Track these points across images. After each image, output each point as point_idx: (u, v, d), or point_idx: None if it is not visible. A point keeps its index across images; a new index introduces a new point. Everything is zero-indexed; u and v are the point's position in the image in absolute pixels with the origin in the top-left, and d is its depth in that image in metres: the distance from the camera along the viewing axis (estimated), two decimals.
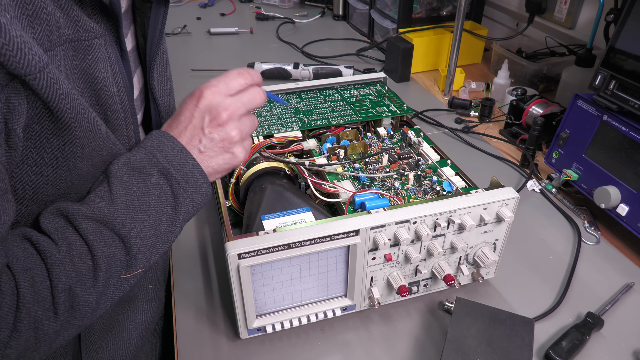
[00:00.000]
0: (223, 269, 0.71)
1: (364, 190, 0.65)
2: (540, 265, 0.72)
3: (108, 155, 0.48)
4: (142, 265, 0.48)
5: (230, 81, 0.53)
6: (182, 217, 0.50)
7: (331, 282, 0.60)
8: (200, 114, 0.51)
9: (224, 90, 0.52)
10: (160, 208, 0.48)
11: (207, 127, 0.51)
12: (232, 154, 0.53)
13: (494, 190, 0.60)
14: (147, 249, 0.48)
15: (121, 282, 0.47)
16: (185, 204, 0.49)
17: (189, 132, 0.51)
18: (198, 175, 0.50)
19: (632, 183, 0.71)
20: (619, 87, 0.72)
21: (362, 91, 0.92)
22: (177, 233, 0.51)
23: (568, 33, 1.20)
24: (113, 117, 0.50)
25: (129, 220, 0.46)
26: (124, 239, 0.46)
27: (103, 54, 0.48)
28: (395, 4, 1.38)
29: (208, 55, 1.48)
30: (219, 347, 0.60)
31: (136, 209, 0.47)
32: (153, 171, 0.48)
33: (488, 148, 1.00)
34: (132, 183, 0.47)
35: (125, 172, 0.48)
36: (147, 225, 0.47)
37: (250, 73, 0.55)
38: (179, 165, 0.49)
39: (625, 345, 0.60)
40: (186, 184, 0.49)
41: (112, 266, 0.46)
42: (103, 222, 0.45)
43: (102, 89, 0.48)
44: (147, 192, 0.48)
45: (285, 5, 1.90)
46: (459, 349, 0.54)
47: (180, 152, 0.50)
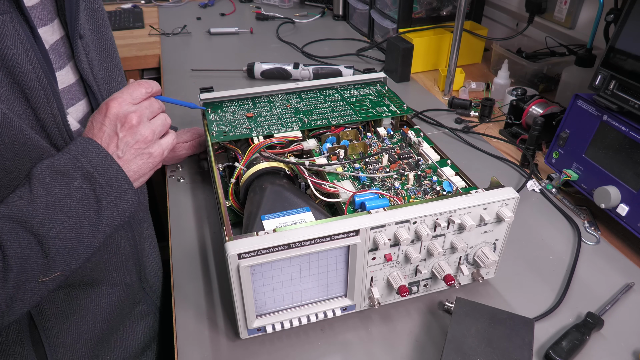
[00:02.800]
0: (223, 269, 0.71)
1: (364, 190, 0.65)
2: (540, 265, 0.72)
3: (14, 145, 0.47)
4: (61, 268, 0.48)
5: (133, 91, 0.56)
6: (106, 221, 0.50)
7: (331, 282, 0.60)
8: (111, 122, 0.53)
9: (129, 99, 0.55)
10: (82, 211, 0.48)
11: (121, 131, 0.53)
12: (149, 154, 0.55)
13: (494, 190, 0.60)
14: (66, 252, 0.48)
15: (39, 286, 0.47)
16: (109, 209, 0.50)
17: (105, 140, 0.52)
18: (122, 180, 0.51)
19: (632, 183, 0.71)
20: (619, 87, 0.72)
21: (362, 91, 0.92)
22: (101, 238, 0.51)
23: (568, 33, 1.20)
24: (32, 95, 0.49)
25: (47, 220, 0.46)
26: (41, 240, 0.46)
27: (10, 30, 0.47)
28: (395, 4, 1.38)
29: (208, 55, 1.48)
30: (219, 347, 0.60)
31: (56, 210, 0.47)
32: (77, 175, 0.49)
33: (488, 148, 1.00)
34: (54, 185, 0.48)
35: (48, 174, 0.48)
36: (67, 227, 0.47)
37: (149, 83, 0.58)
38: (103, 170, 0.50)
39: (625, 345, 0.60)
40: (110, 189, 0.50)
41: (26, 268, 0.45)
42: (19, 222, 0.45)
43: (15, 65, 0.47)
44: (69, 195, 0.48)
45: (285, 5, 1.90)
46: (459, 349, 0.54)
47: (104, 157, 0.51)
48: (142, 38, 1.60)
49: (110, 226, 0.52)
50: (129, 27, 1.66)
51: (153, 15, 1.82)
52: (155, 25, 1.68)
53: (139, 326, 0.73)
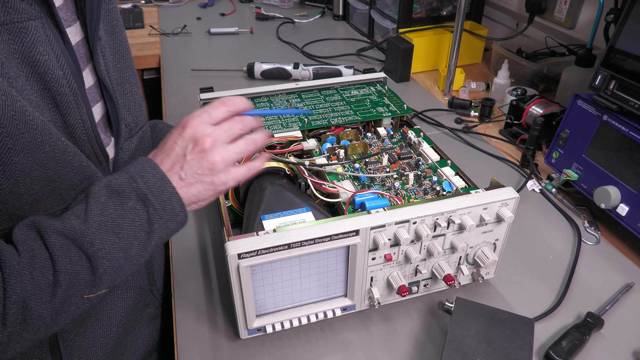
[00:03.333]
0: (223, 269, 0.71)
1: (364, 190, 0.65)
2: (540, 265, 0.72)
3: (55, 153, 0.47)
4: (106, 286, 0.48)
5: (213, 111, 0.54)
6: (155, 242, 0.50)
7: (331, 282, 0.60)
8: (184, 142, 0.52)
9: (207, 119, 0.53)
10: (134, 232, 0.48)
11: (190, 154, 0.51)
12: (212, 181, 0.53)
13: (494, 190, 0.60)
14: (113, 271, 0.48)
15: (83, 301, 0.47)
16: (159, 230, 0.50)
17: (171, 160, 0.51)
18: (176, 203, 0.50)
19: (632, 183, 0.71)
20: (619, 87, 0.72)
21: (362, 91, 0.92)
22: (147, 257, 0.51)
23: (568, 33, 1.20)
24: (62, 100, 0.49)
25: (98, 240, 0.46)
26: (91, 259, 0.46)
27: (42, 36, 0.47)
28: (395, 4, 1.38)
29: (208, 55, 1.48)
30: (219, 347, 0.60)
31: (108, 230, 0.47)
32: (132, 195, 0.48)
33: (488, 148, 1.00)
34: (109, 205, 0.47)
35: (104, 193, 0.48)
36: (116, 248, 0.47)
37: (233, 101, 0.55)
38: (158, 192, 0.49)
39: (625, 345, 0.60)
40: (162, 211, 0.49)
41: (74, 284, 0.45)
42: (72, 239, 0.45)
43: (46, 71, 0.47)
44: (122, 215, 0.47)
45: (285, 5, 1.90)
46: (459, 349, 0.54)
47: (160, 179, 0.50)
48: (142, 38, 1.60)
49: (157, 245, 0.51)
50: (129, 27, 1.66)
51: (153, 15, 1.82)
52: (155, 25, 1.68)
53: (147, 329, 0.73)
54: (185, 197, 0.51)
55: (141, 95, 0.68)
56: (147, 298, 0.72)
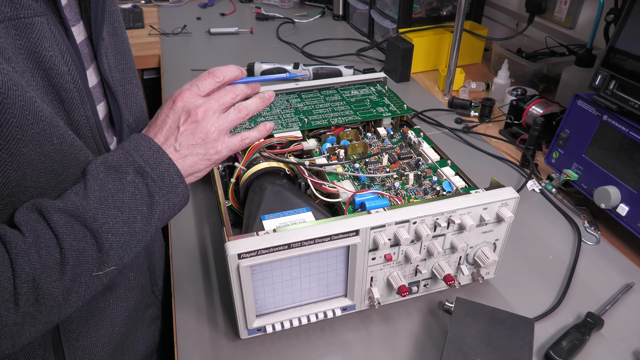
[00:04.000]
0: (223, 269, 0.71)
1: (364, 190, 0.65)
2: (540, 265, 0.72)
3: (61, 145, 0.47)
4: (114, 262, 0.48)
5: (200, 83, 0.55)
6: (158, 216, 0.50)
7: (331, 282, 0.60)
8: (176, 115, 0.52)
9: (196, 91, 0.54)
10: (135, 206, 0.48)
11: (182, 125, 0.52)
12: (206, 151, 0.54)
13: (494, 190, 0.60)
14: (119, 246, 0.48)
15: (93, 280, 0.47)
16: (160, 203, 0.50)
17: (164, 132, 0.52)
18: (174, 174, 0.50)
19: (632, 183, 0.71)
20: (619, 87, 0.72)
21: (362, 91, 0.92)
22: (152, 233, 0.51)
23: (568, 33, 1.20)
24: (67, 96, 0.49)
25: (101, 214, 0.46)
26: (95, 234, 0.46)
27: (47, 32, 0.47)
28: (395, 4, 1.38)
29: (208, 55, 1.48)
30: (219, 347, 0.60)
31: (109, 205, 0.47)
32: (129, 169, 0.49)
33: (488, 148, 1.00)
34: (107, 180, 0.48)
35: (102, 170, 0.48)
36: (119, 222, 0.47)
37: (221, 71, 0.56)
38: (155, 164, 0.50)
39: (625, 345, 0.60)
40: (162, 183, 0.50)
41: (81, 261, 0.45)
42: (74, 216, 0.45)
43: (52, 67, 0.47)
44: (122, 190, 0.48)
45: (285, 5, 1.90)
46: (459, 349, 0.54)
47: (156, 151, 0.50)
48: (142, 38, 1.60)
49: (162, 220, 0.51)
50: (129, 27, 1.66)
51: (153, 15, 1.82)
52: (155, 25, 1.68)
53: (149, 330, 0.73)
54: (182, 168, 0.52)
55: (142, 96, 0.69)
56: (148, 298, 0.72)
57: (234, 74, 0.57)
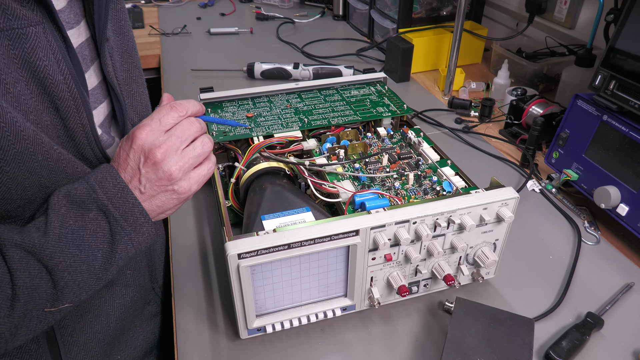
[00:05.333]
0: (223, 269, 0.71)
1: (364, 190, 0.65)
2: (540, 265, 0.72)
3: (47, 162, 0.47)
4: (69, 300, 0.47)
5: (162, 117, 0.52)
6: (119, 255, 0.49)
7: (331, 282, 0.60)
8: (136, 155, 0.50)
9: (157, 127, 0.51)
10: (96, 244, 0.47)
11: (143, 167, 0.50)
12: (173, 191, 0.52)
13: (494, 190, 0.60)
14: (76, 284, 0.47)
15: (45, 315, 0.46)
16: (123, 242, 0.49)
17: (128, 173, 0.50)
18: (138, 214, 0.49)
19: (632, 183, 0.71)
20: (619, 87, 0.72)
21: (362, 91, 0.92)
22: (114, 271, 0.50)
23: (568, 33, 1.20)
24: (62, 105, 0.49)
25: (58, 252, 0.45)
26: (50, 272, 0.45)
27: (43, 42, 0.47)
28: (395, 4, 1.38)
29: (208, 55, 1.48)
30: (219, 347, 0.60)
31: (69, 243, 0.46)
32: (92, 206, 0.47)
33: (488, 148, 1.00)
34: (69, 216, 0.47)
35: (64, 204, 0.47)
36: (77, 260, 0.46)
37: (183, 105, 0.53)
38: (119, 203, 0.48)
39: (625, 345, 0.60)
40: (125, 222, 0.48)
41: (34, 298, 0.44)
42: (31, 252, 0.44)
43: (46, 77, 0.47)
44: (83, 227, 0.47)
45: (285, 5, 1.90)
46: (459, 349, 0.54)
47: (121, 190, 0.49)
48: (142, 38, 1.60)
49: (123, 259, 0.50)
50: None
51: (153, 15, 1.82)
52: (155, 25, 1.68)
53: (148, 326, 0.73)
54: (149, 209, 0.51)
55: (147, 95, 0.68)
56: (148, 295, 0.72)
57: (195, 108, 0.55)
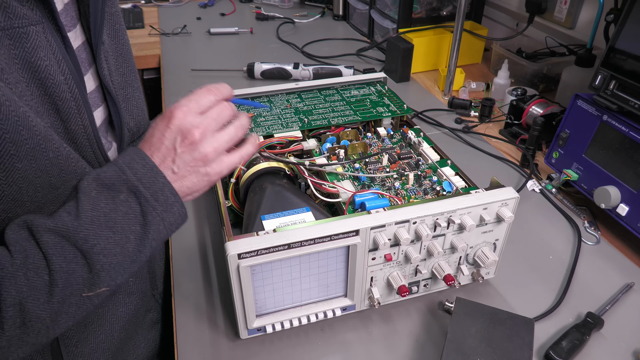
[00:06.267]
0: (223, 269, 0.71)
1: (364, 190, 0.65)
2: (540, 265, 0.72)
3: (58, 159, 0.47)
4: (106, 283, 0.47)
5: (200, 99, 0.52)
6: (152, 236, 0.49)
7: (331, 282, 0.60)
8: (172, 135, 0.50)
9: (195, 108, 0.51)
10: (128, 226, 0.47)
11: (180, 146, 0.50)
12: (206, 173, 0.52)
13: (494, 190, 0.60)
14: (111, 267, 0.47)
15: (83, 301, 0.46)
16: (155, 223, 0.48)
17: (161, 153, 0.50)
18: (169, 193, 0.49)
19: (632, 183, 0.71)
20: (619, 87, 0.72)
21: (362, 91, 0.92)
22: (148, 253, 0.50)
23: (568, 33, 1.20)
24: (64, 106, 0.48)
25: (92, 235, 0.45)
26: (86, 255, 0.45)
27: (43, 42, 0.46)
28: (395, 4, 1.38)
29: (208, 55, 1.48)
30: (219, 347, 0.60)
31: (101, 225, 0.46)
32: (122, 188, 0.47)
33: (488, 148, 1.00)
34: (100, 199, 0.46)
35: (94, 187, 0.47)
36: (112, 242, 0.46)
37: (219, 89, 0.54)
38: (149, 183, 0.48)
39: (625, 345, 0.60)
40: (155, 202, 0.48)
41: (71, 283, 0.44)
42: (65, 237, 0.44)
43: (47, 77, 0.46)
44: (114, 209, 0.47)
45: (285, 5, 1.90)
46: (459, 349, 0.54)
47: (150, 169, 0.49)
48: (142, 38, 1.60)
49: (157, 240, 0.50)
50: (129, 27, 1.66)
51: (153, 15, 1.82)
52: (155, 25, 1.68)
53: (150, 334, 0.73)
54: (180, 190, 0.50)
55: (143, 99, 0.68)
56: (149, 303, 0.72)
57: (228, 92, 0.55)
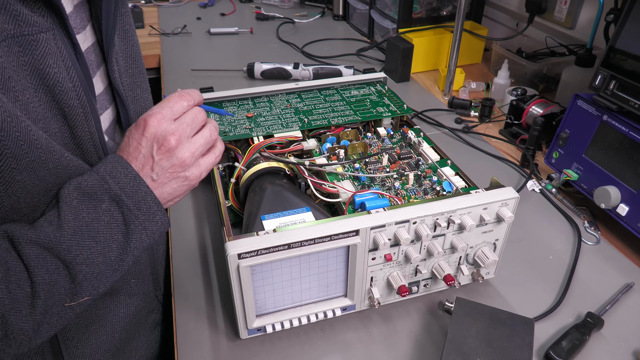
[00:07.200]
0: (223, 269, 0.71)
1: (364, 190, 0.65)
2: (540, 265, 0.72)
3: (57, 169, 0.47)
4: (88, 293, 0.47)
5: (173, 105, 0.52)
6: (134, 244, 0.49)
7: (331, 282, 0.60)
8: (148, 143, 0.50)
9: (168, 115, 0.51)
10: (110, 235, 0.47)
11: (157, 154, 0.50)
12: (184, 177, 0.52)
13: (494, 190, 0.60)
14: (94, 277, 0.47)
15: (65, 311, 0.46)
16: (137, 232, 0.49)
17: (139, 162, 0.50)
18: (151, 202, 0.49)
19: (632, 183, 0.71)
20: (619, 87, 0.72)
21: (362, 91, 0.92)
22: (130, 261, 0.50)
23: (568, 33, 1.20)
24: (71, 112, 0.48)
25: (75, 246, 0.45)
26: (68, 266, 0.45)
27: (53, 49, 0.46)
28: (395, 4, 1.38)
29: (208, 55, 1.48)
30: (219, 347, 0.60)
31: (84, 235, 0.46)
32: (104, 197, 0.47)
33: (488, 148, 1.00)
34: (81, 208, 0.46)
35: (75, 197, 0.47)
36: (94, 252, 0.46)
37: (190, 94, 0.54)
38: (131, 192, 0.48)
39: (625, 345, 0.60)
40: (138, 212, 0.48)
41: (53, 294, 0.44)
42: (47, 248, 0.44)
43: (56, 84, 0.46)
44: (96, 219, 0.47)
45: (285, 5, 1.90)
46: (459, 349, 0.54)
47: (133, 179, 0.49)
48: (142, 38, 1.59)
49: (138, 248, 0.50)
50: None
51: (153, 15, 1.82)
52: (155, 25, 1.68)
53: (152, 335, 0.73)
54: (160, 197, 0.51)
55: (151, 101, 0.67)
56: (151, 304, 0.72)
57: (200, 98, 0.55)
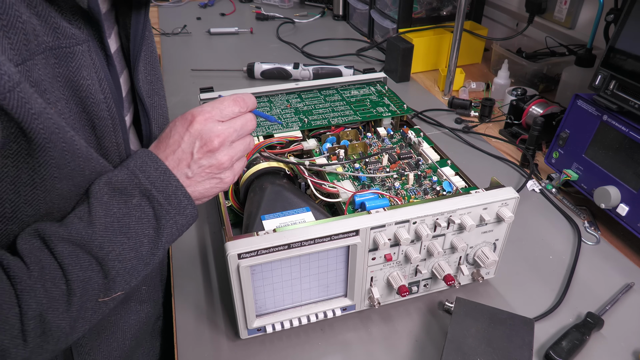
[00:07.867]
0: (223, 269, 0.71)
1: (364, 190, 0.65)
2: (540, 265, 0.72)
3: (92, 175, 0.47)
4: (121, 288, 0.47)
5: (224, 108, 0.52)
6: (165, 239, 0.49)
7: (331, 282, 0.60)
8: (191, 139, 0.50)
9: (217, 116, 0.51)
10: (142, 230, 0.47)
11: (197, 152, 0.50)
12: (219, 179, 0.52)
13: (494, 190, 0.60)
14: (126, 272, 0.47)
15: (99, 306, 0.46)
16: (168, 226, 0.49)
17: (177, 156, 0.50)
18: (182, 196, 0.49)
19: (632, 183, 0.71)
20: (619, 87, 0.72)
21: (362, 91, 0.92)
22: (160, 255, 0.50)
23: (568, 33, 1.20)
24: (100, 124, 0.48)
25: (107, 242, 0.45)
26: (101, 262, 0.45)
27: (87, 61, 0.46)
28: (395, 4, 1.38)
29: (208, 55, 1.48)
30: (219, 347, 0.60)
31: (115, 231, 0.46)
32: (135, 192, 0.47)
33: (488, 148, 1.00)
34: (112, 204, 0.46)
35: (105, 192, 0.47)
36: (126, 248, 0.46)
37: (245, 100, 0.54)
38: (162, 186, 0.48)
39: (625, 345, 0.60)
40: (169, 206, 0.48)
41: (88, 290, 0.44)
42: (80, 245, 0.44)
43: (88, 96, 0.46)
44: (127, 214, 0.46)
45: (285, 5, 1.90)
46: (459, 349, 0.54)
47: (163, 173, 0.48)
48: None
49: (169, 242, 0.50)
50: None
51: (153, 15, 1.82)
52: (155, 25, 1.68)
53: (158, 341, 0.73)
54: (192, 194, 0.51)
55: (167, 108, 0.67)
56: (159, 311, 0.72)
57: (253, 104, 0.55)
